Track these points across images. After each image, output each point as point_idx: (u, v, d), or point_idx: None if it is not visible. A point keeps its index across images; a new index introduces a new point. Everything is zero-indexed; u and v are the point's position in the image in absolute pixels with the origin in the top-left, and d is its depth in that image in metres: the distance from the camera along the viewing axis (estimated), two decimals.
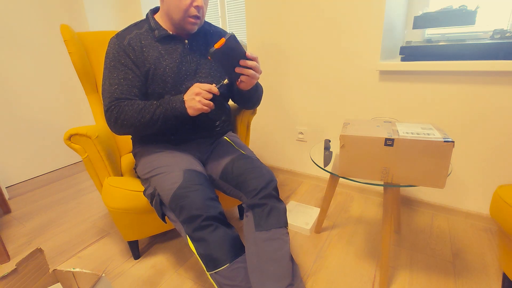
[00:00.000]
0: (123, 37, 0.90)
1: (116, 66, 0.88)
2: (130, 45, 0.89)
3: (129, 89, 0.88)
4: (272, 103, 1.74)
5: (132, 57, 0.89)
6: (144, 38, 0.92)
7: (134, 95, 0.89)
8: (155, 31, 0.92)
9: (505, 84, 1.09)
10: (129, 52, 0.89)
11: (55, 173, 2.12)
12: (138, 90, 0.90)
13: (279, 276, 0.76)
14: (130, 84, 0.88)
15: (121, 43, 0.89)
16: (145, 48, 0.91)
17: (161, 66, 0.91)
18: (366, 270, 1.05)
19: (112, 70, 0.89)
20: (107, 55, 0.91)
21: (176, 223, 0.84)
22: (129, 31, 0.92)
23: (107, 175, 1.06)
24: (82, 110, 2.31)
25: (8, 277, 0.76)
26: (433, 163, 0.77)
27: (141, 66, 0.90)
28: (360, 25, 1.30)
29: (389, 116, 1.38)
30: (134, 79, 0.89)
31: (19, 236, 1.37)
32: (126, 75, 0.88)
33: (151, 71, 0.90)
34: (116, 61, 0.89)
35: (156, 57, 0.91)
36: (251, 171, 0.89)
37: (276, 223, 0.82)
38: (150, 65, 0.90)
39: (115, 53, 0.89)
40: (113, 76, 0.88)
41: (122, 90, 0.87)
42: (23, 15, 1.88)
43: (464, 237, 1.21)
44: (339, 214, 1.40)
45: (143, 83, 0.91)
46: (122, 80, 0.88)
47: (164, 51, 0.92)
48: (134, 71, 0.89)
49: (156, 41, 0.92)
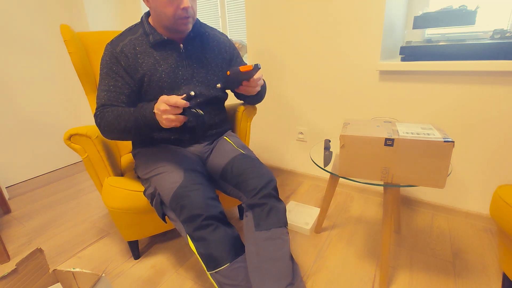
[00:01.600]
0: (117, 44, 0.91)
1: (107, 73, 0.90)
2: (123, 52, 0.90)
3: (117, 96, 0.90)
4: (272, 103, 1.74)
5: (123, 64, 0.90)
6: (138, 44, 0.92)
7: (121, 101, 0.90)
8: (150, 36, 0.92)
9: (505, 84, 1.09)
10: (121, 59, 0.90)
11: (55, 173, 2.12)
12: (126, 97, 0.91)
13: (279, 276, 0.76)
14: (118, 91, 0.90)
15: (114, 50, 0.90)
16: (139, 55, 0.91)
17: (156, 72, 0.92)
18: (366, 270, 1.05)
19: (104, 77, 0.91)
20: (102, 62, 0.93)
21: (176, 222, 0.84)
22: (123, 37, 0.93)
23: (107, 175, 1.06)
24: (82, 110, 2.31)
25: (8, 277, 0.76)
26: (433, 163, 0.77)
27: (133, 73, 0.91)
28: (360, 25, 1.30)
29: (389, 116, 1.38)
30: (123, 86, 0.90)
31: (19, 236, 1.37)
32: (116, 82, 0.90)
33: (147, 78, 0.91)
34: (108, 68, 0.91)
35: (152, 64, 0.91)
36: (251, 171, 0.89)
37: (276, 223, 0.82)
38: (145, 72, 0.91)
39: (107, 60, 0.91)
40: (104, 83, 0.90)
41: (109, 96, 0.89)
42: (23, 15, 1.88)
43: (464, 237, 1.21)
44: (339, 214, 1.40)
45: (133, 90, 0.92)
46: (111, 87, 0.90)
47: (160, 57, 0.93)
48: (124, 78, 0.90)
49: (151, 47, 0.93)
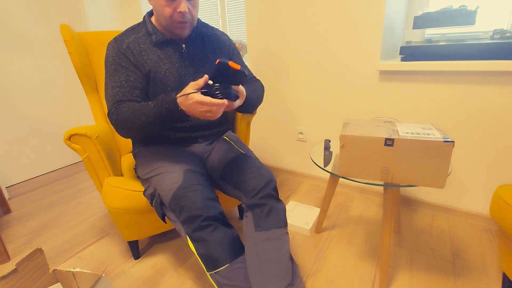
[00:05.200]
0: (122, 41, 0.91)
1: (117, 69, 0.89)
2: (129, 49, 0.90)
3: (131, 91, 0.88)
4: (272, 103, 1.74)
5: (132, 60, 0.90)
6: (142, 42, 0.92)
7: (136, 96, 0.89)
8: (153, 35, 0.92)
9: (505, 84, 1.09)
10: (129, 55, 0.89)
11: (55, 173, 2.12)
12: (140, 91, 0.90)
13: (279, 276, 0.76)
14: (132, 86, 0.89)
15: (120, 47, 0.90)
16: (144, 52, 0.91)
17: (161, 70, 0.91)
18: (366, 270, 1.05)
19: (113, 73, 0.89)
20: (107, 60, 0.91)
21: (176, 223, 0.84)
22: (127, 35, 0.93)
23: (107, 175, 1.06)
24: (82, 110, 2.31)
25: (8, 277, 0.76)
26: (433, 163, 0.77)
27: (141, 68, 0.90)
28: (360, 25, 1.30)
29: (389, 116, 1.38)
30: (136, 80, 0.89)
31: (19, 236, 1.37)
32: (127, 77, 0.89)
33: (152, 74, 0.91)
34: (116, 64, 0.89)
35: (156, 61, 0.91)
36: (251, 171, 0.89)
37: (275, 223, 0.82)
38: (150, 68, 0.91)
39: (115, 57, 0.90)
40: (115, 79, 0.88)
41: (124, 92, 0.87)
42: (23, 15, 1.88)
43: (464, 237, 1.21)
44: (339, 214, 1.40)
45: (145, 84, 0.91)
46: (124, 82, 0.88)
47: (163, 55, 0.93)
48: (135, 73, 0.90)
49: (154, 45, 0.93)
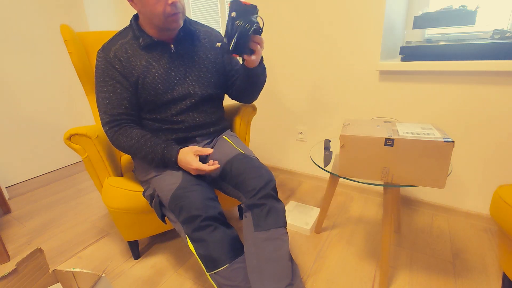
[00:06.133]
0: (109, 49, 0.91)
1: (105, 80, 0.91)
2: (116, 57, 0.90)
3: (119, 102, 0.91)
4: (272, 103, 1.74)
5: (119, 69, 0.90)
6: (129, 47, 0.92)
7: (124, 107, 0.92)
8: (140, 39, 0.92)
9: (505, 84, 1.09)
10: (115, 64, 0.90)
11: (55, 173, 2.12)
12: (128, 102, 0.92)
13: (279, 276, 0.76)
14: (120, 97, 0.91)
15: (107, 56, 0.91)
16: (132, 58, 0.91)
17: (150, 74, 0.92)
18: (366, 270, 1.05)
19: (102, 84, 0.91)
20: (97, 69, 0.93)
21: (175, 223, 0.84)
22: (114, 42, 0.93)
23: (107, 175, 1.06)
24: (82, 110, 2.31)
25: (8, 277, 0.76)
26: (433, 163, 0.77)
27: (129, 76, 0.91)
28: (360, 25, 1.30)
29: (389, 116, 1.38)
30: (122, 91, 0.91)
31: (19, 236, 1.37)
32: (115, 88, 0.91)
33: (140, 80, 0.91)
34: (104, 75, 0.91)
35: (144, 66, 0.91)
36: (250, 171, 0.89)
37: (275, 223, 0.82)
38: (138, 74, 0.91)
39: (103, 67, 0.91)
40: (104, 90, 0.91)
41: (113, 104, 0.91)
42: (23, 15, 1.88)
43: (464, 237, 1.21)
44: (339, 214, 1.40)
45: (132, 93, 0.93)
46: (111, 94, 0.91)
47: (152, 59, 0.93)
48: (122, 83, 0.91)
49: (142, 49, 0.92)
